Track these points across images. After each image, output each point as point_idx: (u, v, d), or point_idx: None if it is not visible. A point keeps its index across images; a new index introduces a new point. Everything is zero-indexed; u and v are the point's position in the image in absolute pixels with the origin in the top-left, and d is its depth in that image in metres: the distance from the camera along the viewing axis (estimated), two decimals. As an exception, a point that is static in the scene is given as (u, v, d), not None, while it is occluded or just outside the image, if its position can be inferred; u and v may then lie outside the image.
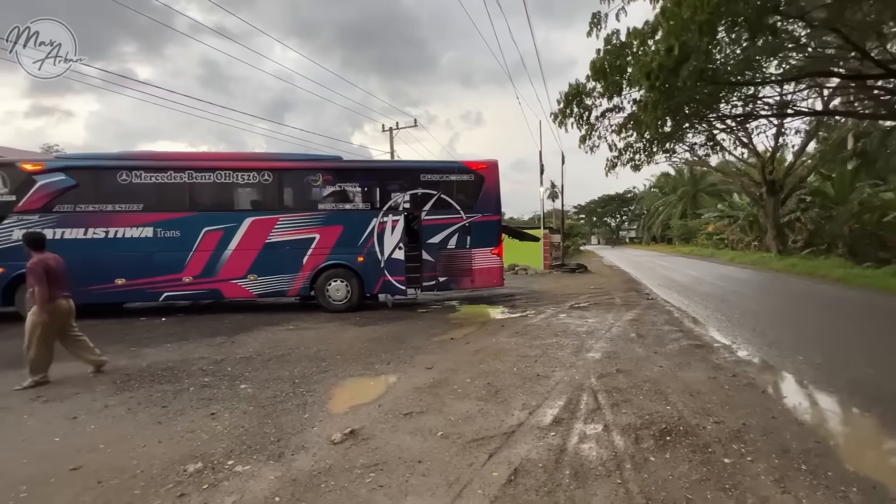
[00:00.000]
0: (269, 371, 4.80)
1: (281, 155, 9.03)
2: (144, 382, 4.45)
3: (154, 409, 3.71)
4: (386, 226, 8.60)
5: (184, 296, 8.63)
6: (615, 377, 4.45)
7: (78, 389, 4.26)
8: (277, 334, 6.79)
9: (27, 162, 8.20)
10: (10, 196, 8.03)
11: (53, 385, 4.40)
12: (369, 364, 5.03)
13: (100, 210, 8.20)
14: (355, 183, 8.82)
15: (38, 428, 3.37)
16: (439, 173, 8.94)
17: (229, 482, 2.56)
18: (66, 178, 8.13)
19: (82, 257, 8.14)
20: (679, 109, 9.78)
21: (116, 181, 8.27)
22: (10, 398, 4.07)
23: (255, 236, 8.47)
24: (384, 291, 8.90)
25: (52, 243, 8.17)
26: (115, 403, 3.86)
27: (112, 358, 5.46)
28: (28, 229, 8.03)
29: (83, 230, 8.14)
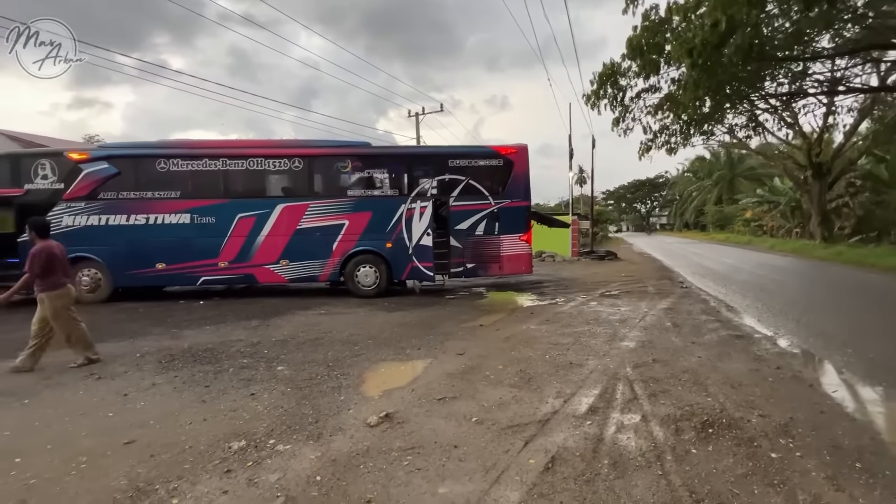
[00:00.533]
0: (303, 354, 4.92)
1: (311, 142, 9.12)
2: (187, 363, 4.64)
3: (198, 389, 3.86)
4: (414, 212, 8.60)
5: (220, 280, 8.92)
6: (651, 367, 4.34)
7: (127, 368, 4.49)
8: (310, 318, 6.95)
9: (73, 151, 8.59)
10: (59, 184, 8.44)
11: (104, 364, 4.64)
12: (400, 349, 5.08)
13: (140, 197, 8.53)
14: (384, 169, 8.84)
15: (93, 403, 3.57)
16: (467, 158, 8.84)
17: (272, 460, 2.64)
18: (108, 166, 8.47)
19: (125, 242, 8.54)
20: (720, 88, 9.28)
21: (155, 169, 8.56)
22: (66, 374, 4.32)
23: (287, 222, 8.63)
24: (412, 277, 8.96)
25: (98, 229, 8.64)
26: (161, 382, 4.05)
27: (155, 338, 5.74)
28: (75, 217, 8.48)
29: (126, 216, 8.49)
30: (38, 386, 4.02)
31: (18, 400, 3.68)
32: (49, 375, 4.29)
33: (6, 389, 3.95)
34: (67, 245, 8.55)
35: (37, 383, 4.08)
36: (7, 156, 8.73)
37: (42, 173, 8.43)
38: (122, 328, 6.40)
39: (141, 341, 5.60)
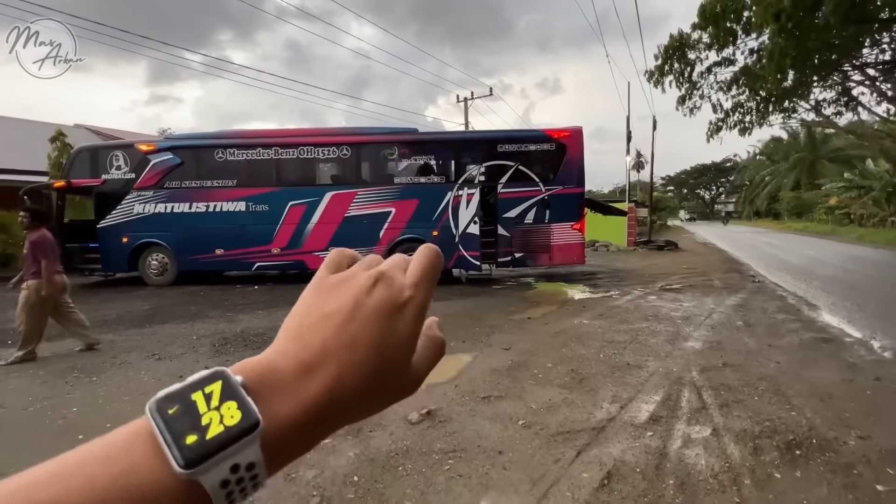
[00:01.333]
0: (348, 342, 4.90)
1: (358, 129, 9.13)
2: (238, 347, 4.77)
3: (246, 374, 3.93)
4: (461, 199, 8.39)
5: (273, 266, 9.23)
6: (722, 372, 3.90)
7: (185, 350, 4.69)
8: (356, 306, 6.98)
9: (142, 143, 9.15)
10: (131, 174, 9.05)
11: (166, 345, 4.88)
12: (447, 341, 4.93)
13: (201, 186, 8.95)
14: (430, 155, 8.67)
15: (151, 384, 3.73)
16: (517, 143, 8.46)
17: (310, 455, 2.58)
18: (173, 156, 8.95)
19: (188, 229, 9.03)
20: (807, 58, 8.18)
21: (214, 159, 8.95)
22: (132, 353, 4.58)
23: (335, 210, 8.73)
24: (459, 266, 8.79)
25: (164, 216, 9.20)
26: (213, 366, 4.16)
27: (212, 322, 5.98)
28: (145, 205, 9.06)
29: (188, 204, 8.97)
30: (107, 363, 4.28)
31: (88, 376, 3.94)
32: (117, 354, 4.57)
33: (81, 366, 4.24)
34: (138, 231, 9.30)
35: (105, 361, 4.35)
36: (87, 148, 9.47)
37: (116, 164, 9.06)
38: (183, 310, 6.77)
39: (199, 324, 5.87)
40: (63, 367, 4.20)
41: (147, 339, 5.16)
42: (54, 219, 9.34)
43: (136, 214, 9.04)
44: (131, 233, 9.09)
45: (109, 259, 9.31)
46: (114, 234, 9.13)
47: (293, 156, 8.86)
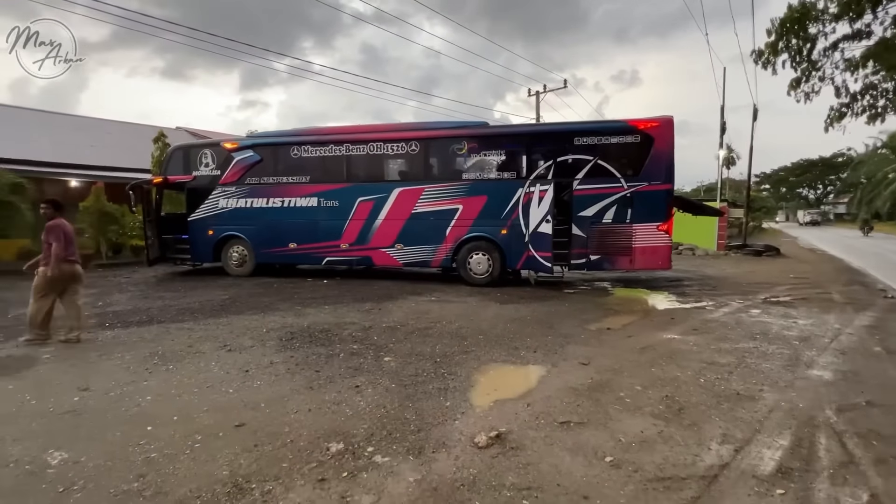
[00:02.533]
0: (411, 345, 4.68)
1: (426, 124, 8.94)
2: (304, 342, 4.73)
3: (308, 373, 3.83)
4: (532, 196, 7.88)
5: (341, 261, 9.36)
6: (867, 412, 3.11)
7: (254, 343, 4.74)
8: (420, 305, 6.80)
9: (227, 141, 9.70)
10: (217, 171, 9.64)
11: (238, 336, 4.99)
12: (513, 349, 4.54)
13: (277, 182, 9.30)
14: (501, 150, 8.25)
15: (219, 377, 3.75)
16: (597, 135, 7.76)
17: (368, 474, 2.33)
18: (253, 154, 9.39)
19: (265, 223, 9.42)
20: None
21: (289, 155, 9.24)
22: (206, 343, 4.72)
23: (402, 206, 8.63)
24: (528, 267, 8.29)
25: (244, 211, 9.67)
26: (279, 361, 4.14)
27: (282, 314, 6.08)
28: (228, 200, 9.59)
29: (266, 199, 9.36)
30: (184, 352, 4.42)
31: (166, 364, 4.07)
32: (193, 343, 4.72)
33: (162, 352, 4.42)
34: (222, 224, 9.88)
35: (183, 349, 4.50)
36: (181, 147, 10.26)
37: (205, 161, 9.71)
38: (256, 301, 7.00)
39: (269, 316, 5.99)
40: (146, 352, 4.40)
41: (222, 328, 5.33)
42: (153, 211, 10.26)
43: (221, 209, 9.61)
44: (216, 226, 9.70)
45: (197, 250, 10.02)
46: (201, 226, 9.81)
47: (362, 152, 8.89)
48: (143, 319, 5.80)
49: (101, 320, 5.76)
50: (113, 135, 18.16)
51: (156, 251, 10.19)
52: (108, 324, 5.56)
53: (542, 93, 19.92)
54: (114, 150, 16.37)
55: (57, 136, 16.34)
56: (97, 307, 6.65)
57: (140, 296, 7.60)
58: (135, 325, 5.54)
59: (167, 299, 7.26)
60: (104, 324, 5.56)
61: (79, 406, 3.18)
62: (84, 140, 16.77)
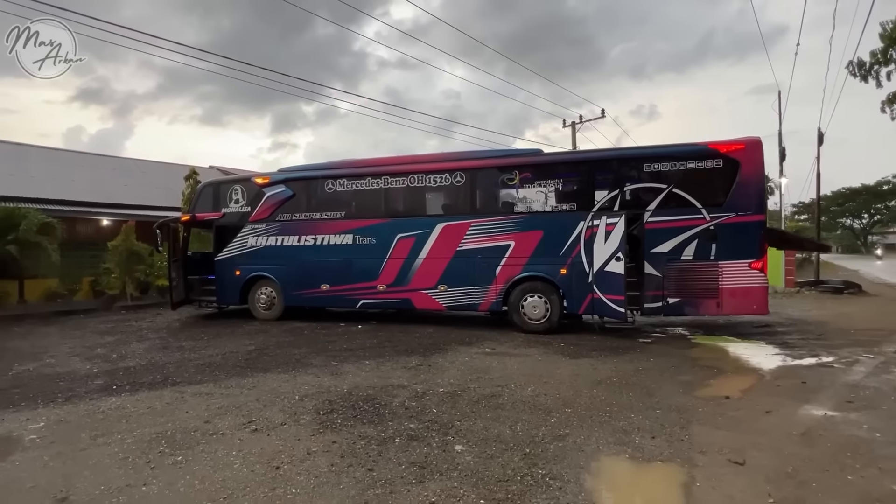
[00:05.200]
0: (483, 422, 3.64)
1: (473, 153, 8.20)
2: (347, 418, 3.75)
3: (359, 473, 2.83)
4: (597, 231, 6.88)
5: (378, 304, 8.47)
6: None
7: (285, 417, 3.79)
8: (475, 359, 5.76)
9: (258, 176, 9.18)
10: (247, 207, 9.07)
11: (265, 406, 4.06)
12: (621, 432, 3.43)
13: (309, 218, 8.63)
14: (559, 179, 7.36)
15: (242, 479, 2.78)
16: (672, 161, 6.80)
17: None
18: (285, 189, 8.80)
19: (295, 263, 8.69)
20: None
21: (323, 190, 8.61)
22: (227, 417, 3.79)
23: (446, 243, 7.76)
24: (592, 312, 7.17)
25: (273, 249, 8.92)
26: (317, 450, 3.16)
27: (316, 373, 5.15)
28: (258, 238, 8.94)
29: (296, 237, 8.67)
30: (199, 432, 3.51)
31: (174, 453, 3.14)
32: (211, 417, 3.81)
33: (171, 434, 3.51)
34: (250, 264, 9.18)
35: (198, 427, 3.59)
36: (211, 183, 9.81)
37: (235, 198, 9.17)
38: (286, 354, 6.11)
39: (302, 375, 5.07)
40: (153, 432, 3.50)
41: (246, 394, 4.42)
42: (180, 251, 9.72)
43: (249, 247, 8.97)
44: (244, 266, 9.03)
45: (223, 291, 9.33)
46: (228, 266, 9.15)
47: (401, 184, 8.17)
48: (156, 380, 4.95)
49: (110, 381, 4.94)
50: (148, 174, 18.30)
51: (180, 294, 9.56)
52: (116, 386, 4.73)
53: (579, 124, 19.26)
54: (147, 189, 16.36)
55: (95, 176, 16.48)
56: (110, 361, 5.88)
57: (159, 345, 6.83)
58: (146, 387, 4.68)
59: (187, 350, 6.45)
60: (111, 386, 4.73)
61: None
62: (120, 179, 16.88)
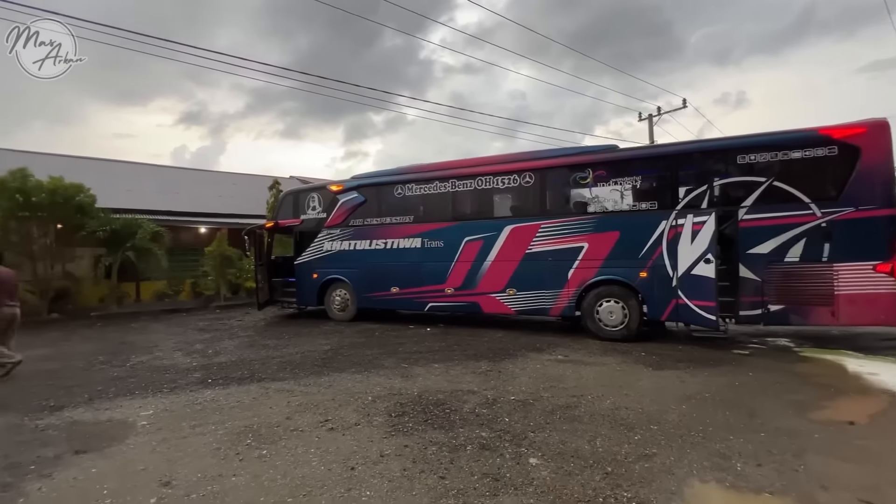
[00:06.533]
0: (559, 435, 3.44)
1: (542, 152, 7.93)
2: (418, 422, 3.74)
3: (431, 480, 2.79)
4: (682, 230, 6.30)
5: (446, 307, 8.49)
6: None
7: (359, 418, 3.87)
8: (547, 367, 5.52)
9: (333, 184, 9.65)
10: (323, 214, 9.57)
11: (340, 406, 4.19)
12: (721, 457, 3.05)
13: (380, 223, 8.89)
14: (637, 176, 6.86)
15: (319, 476, 2.86)
16: (772, 150, 6.05)
17: None
18: (358, 195, 9.15)
19: (366, 266, 8.99)
20: None
21: (393, 195, 8.82)
22: (306, 415, 3.96)
23: (515, 246, 7.57)
24: (677, 319, 6.58)
25: (347, 253, 9.30)
26: (390, 453, 3.17)
27: (387, 374, 5.24)
28: (332, 242, 9.38)
29: (368, 242, 8.97)
30: (281, 428, 3.69)
31: (259, 446, 3.33)
32: (292, 414, 4.00)
33: (256, 428, 3.74)
34: (326, 268, 9.67)
35: (280, 423, 3.78)
36: (292, 192, 10.50)
37: (312, 205, 9.72)
38: (359, 355, 6.30)
39: (374, 376, 5.18)
40: (241, 425, 3.75)
41: (322, 393, 4.60)
42: (265, 255, 10.49)
43: (325, 252, 9.45)
44: (320, 269, 9.53)
45: (302, 293, 9.92)
46: (307, 269, 9.71)
47: (468, 187, 8.12)
48: (244, 375, 5.34)
49: (206, 374, 5.42)
50: (237, 185, 20.11)
51: (265, 295, 10.33)
52: (211, 380, 5.16)
53: (656, 115, 17.99)
54: (237, 199, 17.96)
55: (194, 189, 18.45)
56: (206, 356, 6.47)
57: (247, 343, 7.40)
58: (235, 382, 5.06)
59: (270, 348, 6.91)
60: (207, 380, 5.18)
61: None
62: (215, 191, 18.71)
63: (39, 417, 4.07)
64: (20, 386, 5.11)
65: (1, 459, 3.22)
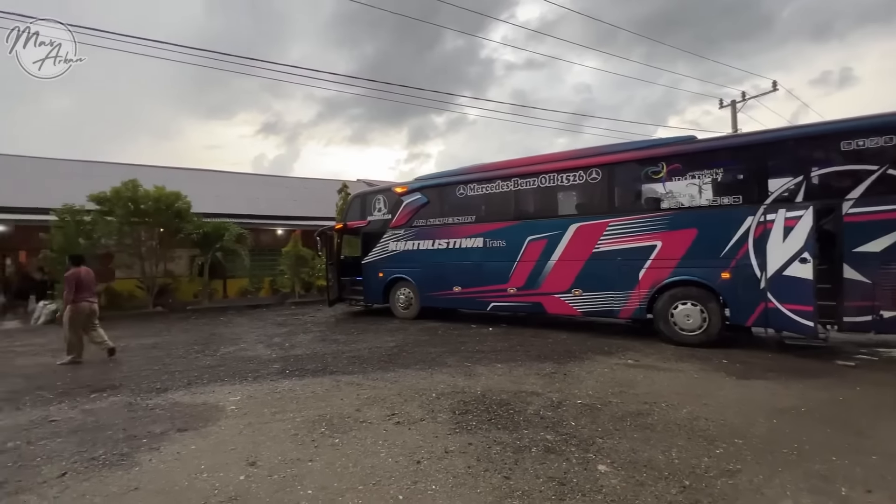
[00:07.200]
0: (630, 443, 3.28)
1: (610, 147, 7.57)
2: (481, 421, 3.76)
3: (495, 479, 2.78)
4: (772, 226, 5.71)
5: (508, 307, 8.42)
6: None
7: (424, 413, 3.96)
8: (616, 371, 5.28)
9: (398, 186, 9.95)
10: (388, 215, 9.90)
11: (406, 401, 4.31)
12: (821, 479, 2.73)
13: (442, 223, 9.01)
14: (718, 168, 6.32)
15: (387, 468, 2.97)
16: (885, 134, 5.30)
17: None
18: (421, 196, 9.35)
19: (429, 266, 9.15)
20: None
21: (455, 195, 8.90)
22: (374, 408, 4.13)
23: (580, 245, 7.32)
24: (766, 324, 5.98)
25: (411, 253, 9.56)
26: (454, 450, 3.21)
27: (450, 372, 5.30)
28: (397, 242, 9.67)
29: (431, 242, 9.13)
30: (351, 418, 3.88)
31: (332, 435, 3.52)
32: (361, 406, 4.19)
33: (329, 417, 3.96)
34: (391, 267, 9.99)
35: (350, 414, 3.98)
36: (358, 194, 10.98)
37: (378, 207, 10.10)
38: (423, 352, 6.44)
39: (438, 374, 5.27)
40: (316, 415, 3.99)
41: (389, 388, 4.76)
42: (335, 255, 11.08)
43: (390, 251, 9.77)
44: (385, 268, 9.87)
45: (369, 292, 10.34)
46: (373, 269, 10.11)
47: (531, 185, 7.99)
48: (317, 368, 5.68)
49: (284, 366, 5.83)
50: (309, 190, 21.41)
51: (335, 293, 10.90)
52: (288, 371, 5.56)
53: (741, 101, 16.43)
54: (309, 203, 19.12)
55: (272, 193, 19.93)
56: (283, 349, 6.96)
57: (319, 338, 7.86)
58: (310, 374, 5.40)
59: (340, 343, 7.28)
60: (285, 371, 5.58)
61: (241, 491, 2.72)
62: (290, 195, 20.08)
63: (149, 398, 4.63)
64: (133, 370, 5.85)
65: (121, 432, 3.71)
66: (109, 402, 4.52)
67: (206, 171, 21.22)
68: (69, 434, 3.70)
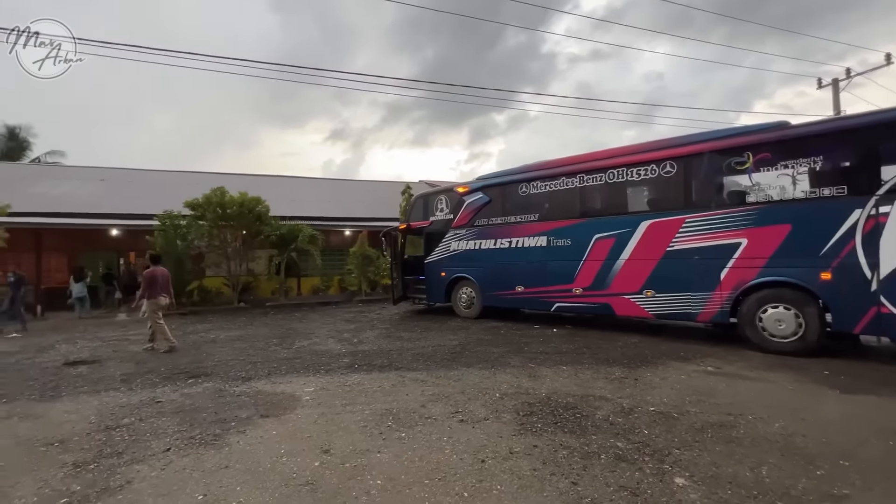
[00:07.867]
0: (711, 455, 3.03)
1: (686, 138, 7.04)
2: (547, 423, 3.67)
3: (562, 484, 2.71)
4: (885, 220, 4.99)
5: (573, 308, 8.14)
6: None
7: (487, 413, 3.96)
8: (693, 378, 4.90)
9: (459, 186, 10.01)
10: (450, 215, 10.00)
11: (470, 399, 4.33)
12: (951, 513, 2.34)
13: (504, 222, 8.93)
14: (817, 156, 5.64)
15: (452, 465, 3.01)
16: None
17: None
18: (482, 195, 9.34)
19: (491, 265, 9.11)
20: None
21: (517, 193, 8.78)
22: (437, 406, 4.19)
23: (653, 243, 6.89)
24: (879, 332, 5.24)
25: (472, 253, 9.55)
26: (519, 451, 3.17)
27: (514, 373, 5.25)
28: (459, 242, 9.74)
29: (493, 241, 9.09)
30: (416, 414, 3.97)
31: (399, 429, 3.63)
32: (426, 402, 4.28)
33: (396, 411, 4.08)
34: (453, 266, 10.08)
35: (416, 410, 4.07)
36: (421, 195, 11.20)
37: (440, 207, 10.24)
38: (485, 352, 6.43)
39: (501, 374, 5.24)
40: (383, 408, 4.14)
41: (452, 385, 4.81)
42: (399, 255, 11.40)
43: (452, 251, 9.86)
44: (448, 268, 9.98)
45: (432, 291, 10.52)
46: (435, 268, 10.27)
47: (598, 181, 7.65)
48: (384, 363, 5.89)
49: (353, 360, 6.12)
50: (374, 192, 22.22)
51: (399, 291, 11.22)
52: (357, 365, 5.82)
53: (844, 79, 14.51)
54: (375, 204, 19.85)
55: (340, 196, 20.96)
56: (352, 344, 7.29)
57: (385, 335, 8.13)
58: (377, 369, 5.61)
59: (405, 340, 7.48)
60: (354, 365, 5.84)
61: (316, 476, 2.89)
62: (356, 197, 20.99)
63: (235, 385, 5.08)
64: (223, 360, 6.45)
65: (213, 415, 4.11)
66: (203, 388, 5.02)
67: (282, 177, 22.83)
68: (172, 414, 4.16)
